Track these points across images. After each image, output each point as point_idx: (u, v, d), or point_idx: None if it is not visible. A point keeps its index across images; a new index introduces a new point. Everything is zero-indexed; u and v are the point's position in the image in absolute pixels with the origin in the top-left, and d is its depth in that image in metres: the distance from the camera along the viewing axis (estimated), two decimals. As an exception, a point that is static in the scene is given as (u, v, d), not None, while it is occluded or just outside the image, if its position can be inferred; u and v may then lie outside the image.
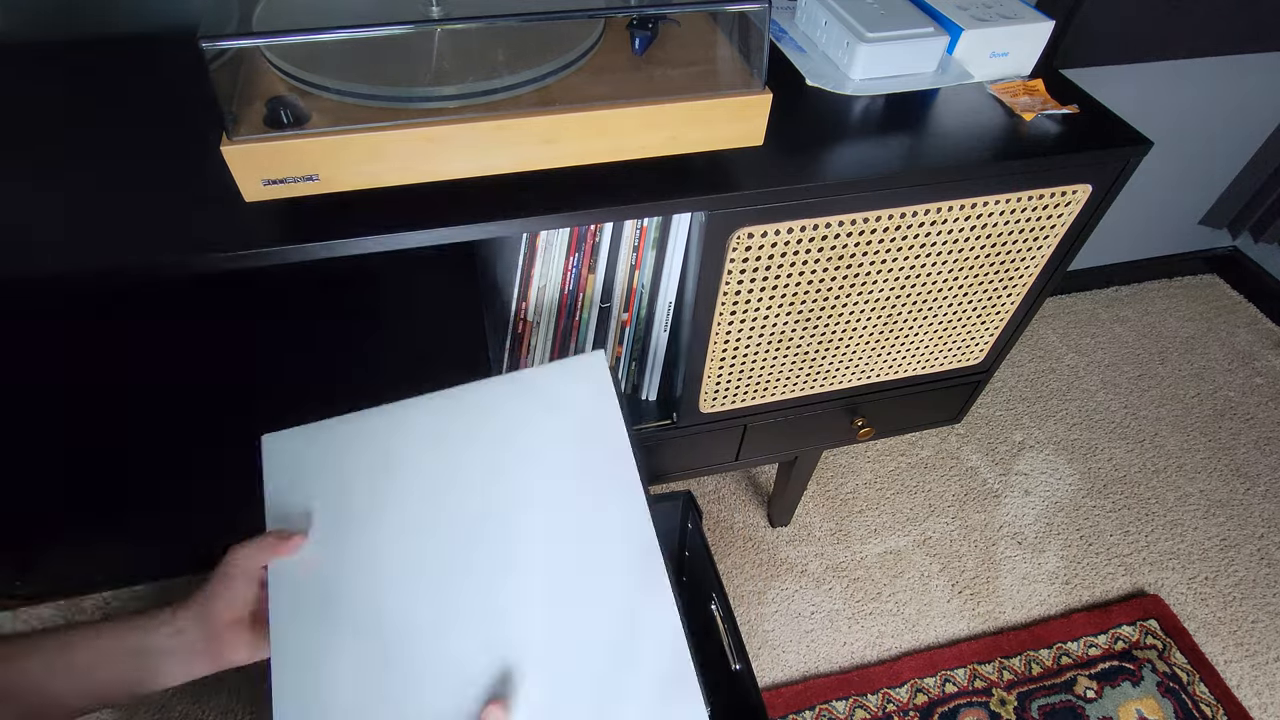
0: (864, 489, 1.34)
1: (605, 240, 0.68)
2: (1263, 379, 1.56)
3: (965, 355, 0.88)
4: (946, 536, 1.28)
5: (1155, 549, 1.28)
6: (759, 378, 0.80)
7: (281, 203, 0.54)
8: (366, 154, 0.49)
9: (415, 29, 0.53)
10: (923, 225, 0.68)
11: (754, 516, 1.29)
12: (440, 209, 0.55)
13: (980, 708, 1.08)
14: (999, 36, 0.71)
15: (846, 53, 0.71)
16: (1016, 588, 1.22)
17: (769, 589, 1.20)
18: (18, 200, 0.55)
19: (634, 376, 0.84)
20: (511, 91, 0.53)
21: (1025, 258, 0.76)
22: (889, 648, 1.14)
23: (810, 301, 0.72)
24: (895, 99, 0.71)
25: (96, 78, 0.68)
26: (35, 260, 0.51)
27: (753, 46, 0.56)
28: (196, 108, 0.64)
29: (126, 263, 0.51)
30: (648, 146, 0.55)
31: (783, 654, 1.13)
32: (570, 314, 0.74)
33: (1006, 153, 0.65)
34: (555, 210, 0.57)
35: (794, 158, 0.63)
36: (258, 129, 0.48)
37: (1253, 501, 1.35)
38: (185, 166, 0.58)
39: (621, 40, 0.59)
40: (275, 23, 0.51)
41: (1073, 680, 1.11)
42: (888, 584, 1.22)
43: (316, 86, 0.51)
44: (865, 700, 1.08)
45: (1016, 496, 1.34)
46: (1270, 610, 1.21)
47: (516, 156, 0.53)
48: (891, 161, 0.63)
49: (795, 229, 0.64)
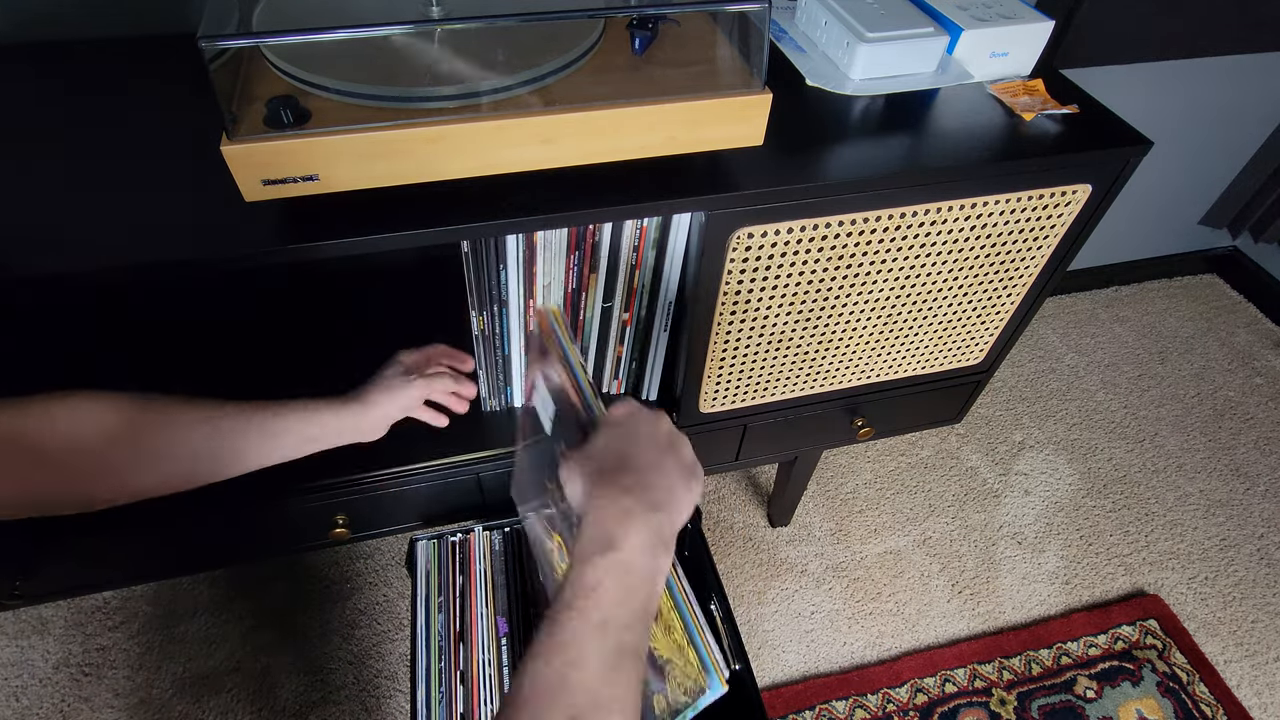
0: (864, 489, 1.34)
1: (605, 240, 0.68)
2: (1263, 379, 1.56)
3: (965, 355, 0.88)
4: (946, 536, 1.28)
5: (1155, 549, 1.28)
6: (759, 378, 0.80)
7: (281, 203, 0.54)
8: (366, 154, 0.49)
9: (415, 29, 0.53)
10: (923, 225, 0.68)
11: (754, 516, 1.29)
12: (440, 209, 0.55)
13: (980, 708, 1.08)
14: (999, 36, 0.71)
15: (846, 53, 0.71)
16: (1016, 588, 1.22)
17: (769, 589, 1.20)
18: (18, 200, 0.55)
19: (634, 376, 0.84)
20: (511, 91, 0.53)
21: (1025, 258, 0.76)
22: (889, 648, 1.14)
23: (810, 301, 0.72)
24: (895, 99, 0.71)
25: (97, 78, 0.68)
26: (35, 260, 0.51)
27: (753, 46, 0.56)
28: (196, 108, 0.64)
29: (126, 262, 0.51)
30: (647, 146, 0.55)
31: (783, 654, 1.13)
32: (575, 312, 0.74)
33: (1006, 153, 0.65)
34: (555, 210, 0.57)
35: (794, 158, 0.63)
36: (258, 129, 0.48)
37: (1253, 501, 1.35)
38: (185, 166, 0.58)
39: (621, 40, 0.59)
40: (275, 23, 0.51)
41: (1073, 680, 1.11)
42: (888, 584, 1.22)
43: (316, 86, 0.51)
44: (865, 700, 1.08)
45: (1016, 496, 1.34)
46: (1270, 610, 1.21)
47: (516, 156, 0.53)
48: (891, 161, 0.63)
49: (795, 229, 0.64)
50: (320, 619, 1.13)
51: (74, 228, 0.53)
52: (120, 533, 0.75)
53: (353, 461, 0.78)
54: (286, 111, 0.48)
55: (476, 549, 0.81)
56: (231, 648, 1.09)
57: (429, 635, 0.75)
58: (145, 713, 1.02)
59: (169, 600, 1.13)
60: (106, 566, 0.82)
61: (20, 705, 1.02)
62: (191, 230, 0.54)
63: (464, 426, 0.82)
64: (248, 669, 1.07)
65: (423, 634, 0.75)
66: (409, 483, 0.79)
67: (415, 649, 0.74)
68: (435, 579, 0.79)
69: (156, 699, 1.04)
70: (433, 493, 0.82)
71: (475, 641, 0.74)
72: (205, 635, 1.10)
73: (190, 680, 1.06)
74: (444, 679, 0.72)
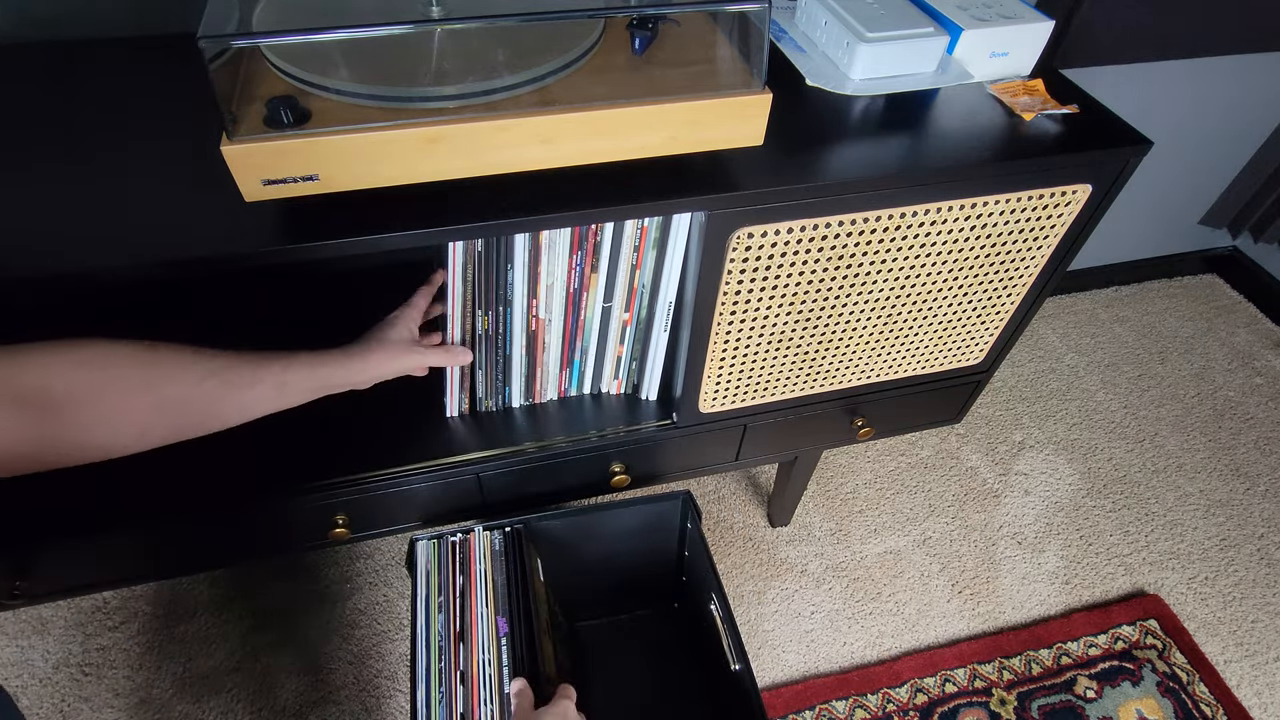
0: (864, 489, 1.34)
1: (607, 239, 0.68)
2: (1263, 379, 1.56)
3: (965, 355, 0.88)
4: (946, 536, 1.28)
5: (1155, 549, 1.28)
6: (759, 378, 0.80)
7: (281, 203, 0.54)
8: (366, 154, 0.50)
9: (415, 29, 0.53)
10: (923, 225, 0.68)
11: (754, 516, 1.29)
12: (440, 209, 0.55)
13: (980, 708, 1.08)
14: (999, 36, 0.71)
15: (846, 53, 0.71)
16: (1016, 588, 1.22)
17: (769, 589, 1.20)
18: (17, 200, 0.55)
19: (634, 376, 0.84)
20: (511, 91, 0.53)
21: (1025, 258, 0.76)
22: (889, 648, 1.14)
23: (810, 301, 0.72)
24: (895, 99, 0.71)
25: (97, 78, 0.68)
26: (34, 260, 0.51)
27: (753, 46, 0.56)
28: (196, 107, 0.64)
29: (126, 262, 0.51)
30: (647, 146, 0.55)
31: (782, 654, 1.13)
32: (576, 312, 0.74)
33: (1006, 153, 0.65)
34: (555, 210, 0.57)
35: (794, 158, 0.63)
36: (258, 129, 0.48)
37: (1253, 501, 1.35)
38: (185, 167, 0.58)
39: (621, 40, 0.59)
40: (275, 23, 0.51)
41: (1073, 680, 1.11)
42: (888, 584, 1.22)
43: (316, 86, 0.51)
44: (865, 700, 1.08)
45: (1016, 496, 1.34)
46: (1270, 610, 1.21)
47: (516, 156, 0.53)
48: (891, 161, 0.63)
49: (795, 229, 0.64)
50: (320, 619, 1.13)
51: (74, 228, 0.53)
52: (120, 533, 0.75)
53: (353, 461, 0.78)
54: (286, 111, 0.48)
55: (477, 549, 0.81)
56: (231, 648, 1.09)
57: (429, 635, 0.75)
58: (145, 713, 1.02)
59: (169, 600, 1.13)
60: (106, 566, 0.82)
61: (20, 705, 1.02)
62: (191, 230, 0.54)
63: (464, 427, 0.82)
64: (248, 669, 1.07)
65: (422, 634, 0.75)
66: (409, 483, 0.79)
67: (415, 649, 0.74)
68: (435, 579, 0.79)
69: (156, 699, 1.04)
70: (433, 493, 0.83)
71: (475, 641, 0.74)
72: (205, 635, 1.10)
73: (190, 680, 1.06)
74: (444, 679, 0.72)
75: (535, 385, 0.82)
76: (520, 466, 0.82)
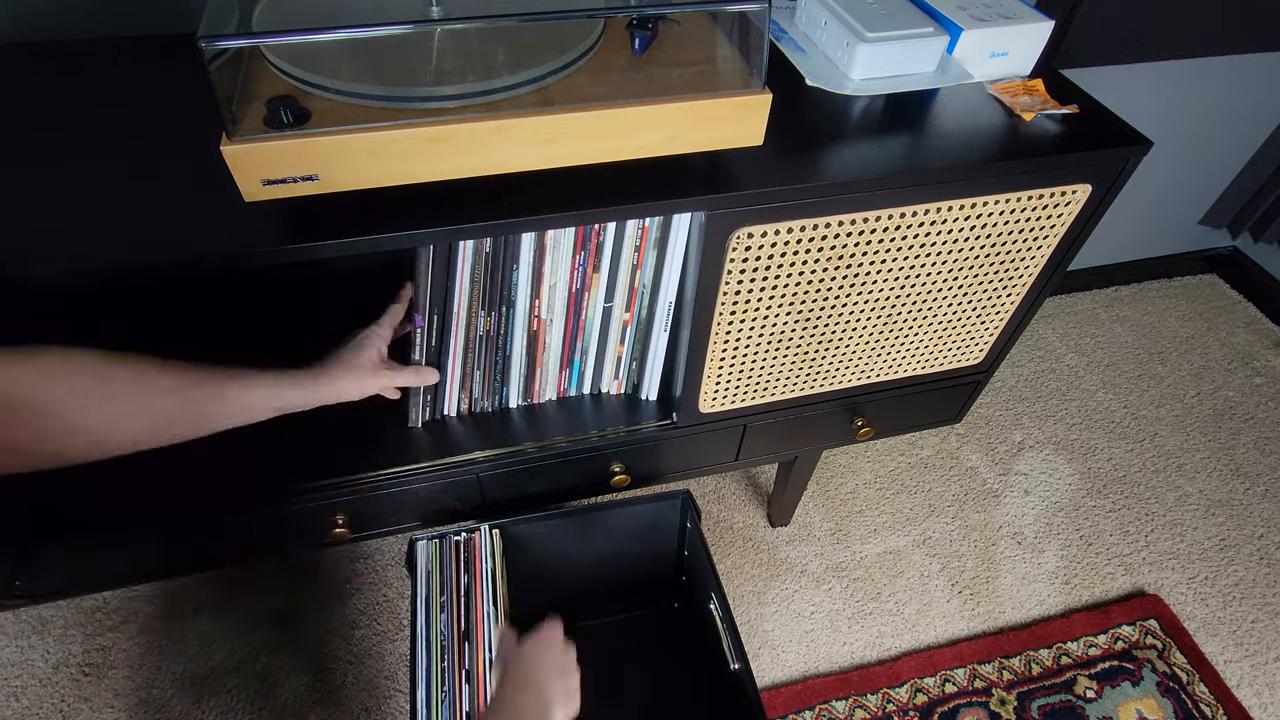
0: (864, 489, 1.34)
1: (609, 240, 0.68)
2: (1262, 379, 1.56)
3: (965, 355, 0.88)
4: (946, 536, 1.28)
5: (1155, 549, 1.28)
6: (759, 378, 0.80)
7: (281, 203, 0.54)
8: (366, 154, 0.50)
9: (415, 29, 0.53)
10: (923, 225, 0.68)
11: (754, 516, 1.29)
12: (440, 209, 0.55)
13: (980, 708, 1.08)
14: (999, 36, 0.71)
15: (846, 53, 0.71)
16: (1016, 588, 1.22)
17: (769, 589, 1.20)
18: (17, 201, 0.55)
19: (634, 376, 0.84)
20: (511, 91, 0.53)
21: (1025, 258, 0.76)
22: (889, 648, 1.14)
23: (810, 301, 0.72)
24: (895, 99, 0.71)
25: (97, 78, 0.68)
26: (35, 260, 0.51)
27: (753, 46, 0.56)
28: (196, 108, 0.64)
29: (126, 262, 0.51)
30: (648, 146, 0.55)
31: (782, 654, 1.13)
32: (577, 313, 0.74)
33: (1006, 153, 0.65)
34: (555, 211, 0.57)
35: (794, 158, 0.63)
36: (258, 129, 0.48)
37: (1252, 501, 1.35)
38: (185, 167, 0.58)
39: (621, 40, 0.59)
40: (275, 23, 0.51)
41: (1073, 680, 1.11)
42: (888, 584, 1.21)
43: (316, 86, 0.51)
44: (865, 700, 1.08)
45: (1016, 496, 1.34)
46: (1270, 610, 1.21)
47: (517, 156, 0.53)
48: (891, 161, 0.63)
49: (795, 229, 0.64)
50: (320, 619, 1.13)
51: (74, 228, 0.53)
52: (120, 533, 0.75)
53: (353, 461, 0.78)
54: (286, 111, 0.48)
55: (481, 547, 0.81)
56: (231, 648, 1.09)
57: (429, 635, 0.75)
58: (145, 713, 1.02)
59: (169, 600, 1.13)
60: (106, 566, 0.82)
61: (20, 705, 1.02)
62: (191, 230, 0.54)
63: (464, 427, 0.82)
64: (248, 669, 1.07)
65: (422, 634, 0.75)
66: (409, 483, 0.79)
67: (415, 649, 0.74)
68: (436, 579, 0.79)
69: (156, 699, 1.04)
70: (433, 493, 0.83)
71: (480, 640, 0.74)
72: (205, 635, 1.10)
73: (190, 680, 1.05)
74: (448, 678, 0.72)
75: (534, 386, 0.82)
76: (520, 466, 0.82)
